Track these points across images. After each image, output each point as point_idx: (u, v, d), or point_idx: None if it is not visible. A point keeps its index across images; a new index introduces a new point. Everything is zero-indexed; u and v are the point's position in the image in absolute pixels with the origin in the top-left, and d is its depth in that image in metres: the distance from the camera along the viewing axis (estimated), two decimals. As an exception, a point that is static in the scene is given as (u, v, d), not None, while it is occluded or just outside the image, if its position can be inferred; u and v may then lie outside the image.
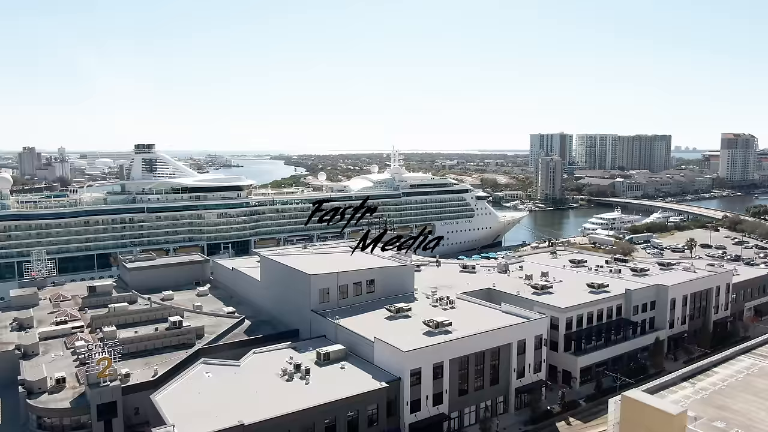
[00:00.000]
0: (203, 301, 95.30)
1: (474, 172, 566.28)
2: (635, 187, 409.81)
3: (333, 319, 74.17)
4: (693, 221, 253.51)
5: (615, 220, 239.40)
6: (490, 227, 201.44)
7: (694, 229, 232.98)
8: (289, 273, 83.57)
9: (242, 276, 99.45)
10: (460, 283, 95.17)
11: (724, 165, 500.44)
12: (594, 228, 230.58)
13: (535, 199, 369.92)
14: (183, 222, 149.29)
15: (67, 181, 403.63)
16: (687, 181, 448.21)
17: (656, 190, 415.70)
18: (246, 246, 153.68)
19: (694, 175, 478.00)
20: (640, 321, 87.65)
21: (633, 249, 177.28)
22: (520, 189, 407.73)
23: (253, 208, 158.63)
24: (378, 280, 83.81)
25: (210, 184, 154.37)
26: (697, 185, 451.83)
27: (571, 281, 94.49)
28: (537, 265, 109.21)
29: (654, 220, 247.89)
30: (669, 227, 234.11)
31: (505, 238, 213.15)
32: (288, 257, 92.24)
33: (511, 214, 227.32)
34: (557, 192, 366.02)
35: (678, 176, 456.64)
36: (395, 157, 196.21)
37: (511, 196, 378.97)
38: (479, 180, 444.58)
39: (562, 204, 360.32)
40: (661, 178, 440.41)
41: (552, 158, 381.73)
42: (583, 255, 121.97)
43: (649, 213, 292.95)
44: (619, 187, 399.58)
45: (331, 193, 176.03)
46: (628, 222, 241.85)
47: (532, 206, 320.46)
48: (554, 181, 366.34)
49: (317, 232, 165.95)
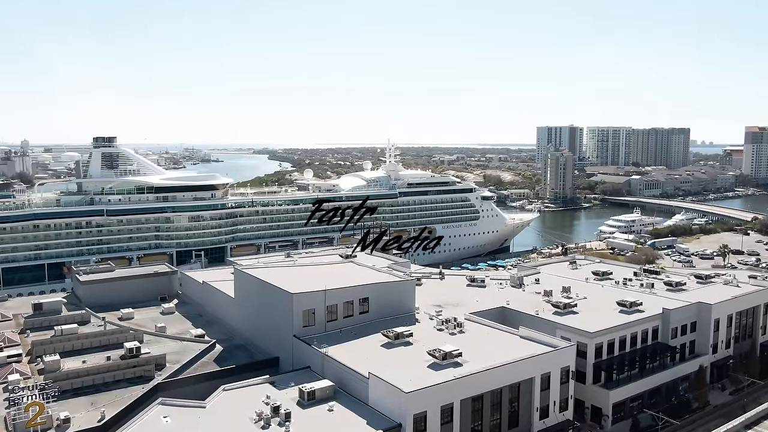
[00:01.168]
0: (168, 321, 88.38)
1: (475, 168, 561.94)
2: (652, 185, 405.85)
3: (319, 347, 67.32)
4: (719, 223, 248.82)
5: (634, 222, 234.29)
6: (496, 231, 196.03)
7: (722, 233, 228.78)
8: (268, 290, 76.73)
9: (214, 291, 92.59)
10: (469, 300, 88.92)
11: (748, 161, 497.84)
12: (611, 231, 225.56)
13: (544, 198, 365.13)
14: (148, 226, 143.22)
15: (28, 177, 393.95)
16: (709, 179, 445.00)
17: (675, 188, 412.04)
18: (221, 253, 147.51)
19: (715, 172, 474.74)
20: (679, 346, 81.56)
21: (657, 256, 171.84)
22: (527, 187, 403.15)
23: (230, 210, 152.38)
24: (373, 298, 77.27)
25: (180, 183, 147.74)
26: (719, 183, 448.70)
27: (597, 298, 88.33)
28: (555, 277, 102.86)
29: (677, 223, 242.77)
30: (694, 230, 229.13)
31: (513, 243, 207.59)
32: (267, 271, 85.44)
33: (519, 215, 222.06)
34: (568, 190, 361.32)
35: (699, 173, 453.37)
36: (391, 152, 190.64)
37: (517, 195, 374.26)
38: (482, 177, 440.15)
39: (573, 204, 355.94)
40: (680, 176, 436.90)
41: (562, 153, 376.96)
42: (608, 265, 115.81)
43: (669, 214, 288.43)
44: (636, 186, 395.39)
45: (319, 192, 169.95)
46: (649, 224, 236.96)
47: (541, 206, 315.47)
48: (565, 178, 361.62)
49: (302, 238, 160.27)
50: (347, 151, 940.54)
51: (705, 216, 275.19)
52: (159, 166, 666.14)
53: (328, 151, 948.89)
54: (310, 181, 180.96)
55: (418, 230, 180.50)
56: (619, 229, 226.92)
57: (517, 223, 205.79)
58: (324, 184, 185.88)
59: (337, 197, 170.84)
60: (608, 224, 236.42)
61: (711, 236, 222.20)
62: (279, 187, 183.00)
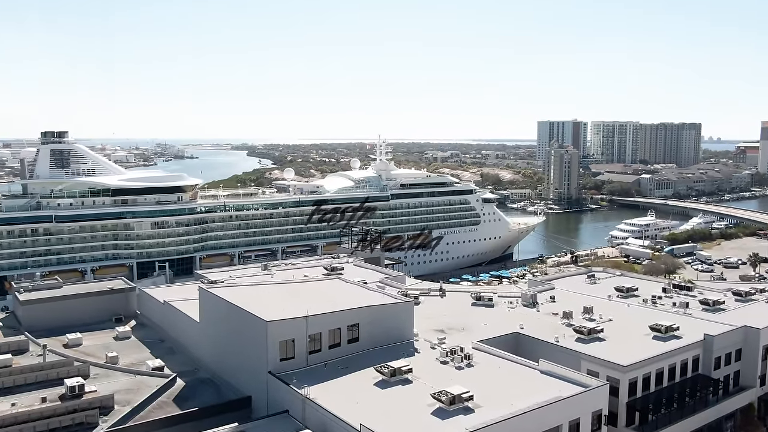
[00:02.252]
0: (122, 349, 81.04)
1: (471, 165, 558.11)
2: (664, 184, 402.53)
3: (299, 387, 59.80)
4: (740, 227, 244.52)
5: (648, 226, 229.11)
6: (499, 237, 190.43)
7: (744, 238, 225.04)
8: (238, 315, 69.21)
9: (176, 313, 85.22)
10: (475, 322, 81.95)
11: (765, 158, 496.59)
12: (624, 236, 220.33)
13: (547, 198, 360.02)
14: (104, 234, 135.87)
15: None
16: (723, 178, 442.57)
17: (688, 188, 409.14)
18: (189, 264, 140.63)
19: (730, 171, 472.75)
20: (722, 378, 75.03)
21: (678, 265, 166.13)
22: (528, 187, 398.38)
23: (199, 215, 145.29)
24: (364, 324, 69.98)
25: (141, 184, 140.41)
26: (735, 182, 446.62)
27: (624, 320, 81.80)
28: (573, 294, 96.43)
29: (695, 227, 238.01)
30: (714, 235, 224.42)
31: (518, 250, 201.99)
32: (237, 290, 78.04)
33: (524, 219, 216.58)
34: (573, 191, 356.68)
35: (713, 172, 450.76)
36: (382, 149, 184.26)
37: (518, 196, 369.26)
38: (479, 175, 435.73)
39: (578, 205, 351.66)
40: (693, 174, 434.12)
41: (567, 150, 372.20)
42: (631, 279, 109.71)
43: (683, 217, 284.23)
44: (646, 185, 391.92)
45: (301, 195, 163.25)
46: (664, 229, 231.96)
47: (544, 208, 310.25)
48: (570, 177, 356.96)
49: (282, 246, 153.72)
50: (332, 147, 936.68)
51: (723, 219, 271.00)
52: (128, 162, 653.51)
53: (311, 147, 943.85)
54: (290, 182, 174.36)
55: (413, 237, 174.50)
56: (632, 234, 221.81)
57: (521, 228, 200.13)
58: (307, 185, 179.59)
59: (321, 200, 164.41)
60: (620, 228, 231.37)
61: (732, 242, 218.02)
62: (256, 189, 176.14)
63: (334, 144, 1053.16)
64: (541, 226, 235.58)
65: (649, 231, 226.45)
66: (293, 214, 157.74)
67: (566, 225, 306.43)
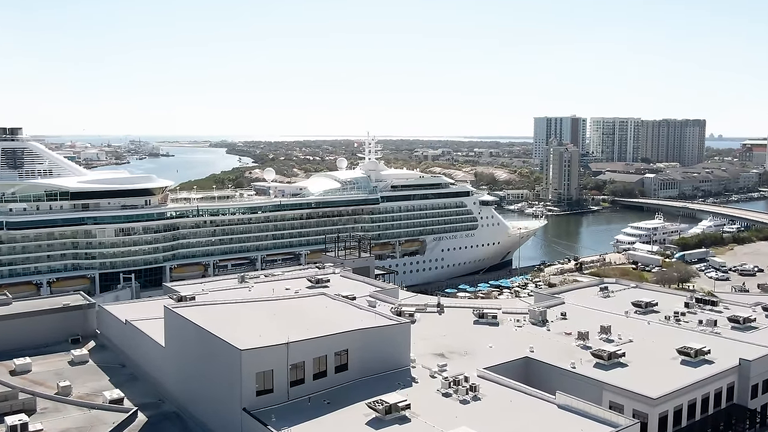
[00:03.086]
0: (77, 376, 75.49)
1: (464, 164, 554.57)
2: (668, 184, 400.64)
3: (279, 427, 54.50)
4: (753, 231, 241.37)
5: (657, 230, 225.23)
6: (498, 242, 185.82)
7: (757, 242, 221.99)
8: (208, 342, 63.33)
9: (139, 335, 79.35)
10: (479, 344, 76.63)
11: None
12: (630, 241, 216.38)
13: (546, 200, 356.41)
14: (63, 242, 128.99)
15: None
16: (730, 178, 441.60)
17: (694, 188, 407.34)
18: (158, 275, 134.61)
19: (737, 170, 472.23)
20: (759, 408, 70.06)
21: (692, 273, 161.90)
22: (525, 187, 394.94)
23: (170, 220, 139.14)
24: (354, 350, 64.52)
25: (104, 186, 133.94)
26: (742, 182, 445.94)
27: (646, 341, 76.81)
28: (585, 310, 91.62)
29: (705, 230, 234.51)
30: (726, 239, 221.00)
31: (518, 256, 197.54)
32: (208, 310, 72.31)
33: (524, 223, 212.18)
34: (573, 191, 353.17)
35: (719, 171, 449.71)
36: (371, 147, 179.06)
37: (515, 197, 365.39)
38: (472, 175, 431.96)
39: (579, 206, 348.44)
40: (699, 174, 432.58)
41: (567, 148, 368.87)
42: (649, 292, 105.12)
43: (690, 219, 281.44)
44: (650, 185, 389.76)
45: (282, 197, 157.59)
46: (673, 232, 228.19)
47: (543, 210, 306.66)
48: (570, 177, 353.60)
49: (261, 255, 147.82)
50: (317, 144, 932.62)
51: (734, 221, 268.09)
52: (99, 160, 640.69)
53: (294, 144, 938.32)
54: (271, 183, 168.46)
55: (405, 243, 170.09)
56: (639, 239, 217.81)
57: (522, 233, 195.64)
58: (289, 186, 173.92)
59: (304, 203, 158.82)
60: (626, 232, 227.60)
61: (746, 246, 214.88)
62: (233, 191, 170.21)
63: (319, 141, 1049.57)
64: (540, 230, 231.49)
65: (657, 235, 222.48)
66: (274, 219, 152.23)
67: (566, 228, 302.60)
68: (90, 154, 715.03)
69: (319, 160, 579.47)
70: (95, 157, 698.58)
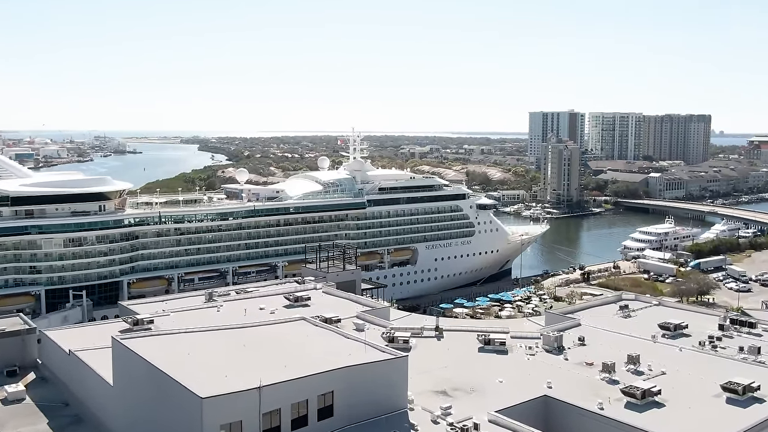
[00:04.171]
0: (10, 417, 69.22)
1: (454, 162, 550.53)
2: (674, 184, 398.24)
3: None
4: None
5: (667, 235, 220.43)
6: (497, 250, 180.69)
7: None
8: (164, 384, 56.11)
9: (84, 370, 72.22)
10: (487, 379, 69.88)
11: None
12: (639, 247, 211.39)
13: (544, 201, 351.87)
14: (3, 254, 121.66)
15: None
16: (739, 177, 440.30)
17: (702, 188, 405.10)
18: (114, 291, 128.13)
19: (746, 169, 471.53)
20: (819, 455, 63.30)
21: (712, 284, 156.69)
22: (522, 187, 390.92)
23: (128, 228, 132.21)
24: (341, 391, 58.06)
25: (51, 190, 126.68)
26: (751, 182, 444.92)
27: (682, 373, 70.61)
28: (605, 333, 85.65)
29: (718, 235, 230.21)
30: (742, 245, 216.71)
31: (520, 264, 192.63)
32: (166, 344, 65.11)
33: (525, 228, 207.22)
34: (574, 192, 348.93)
35: (727, 170, 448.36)
36: (356, 144, 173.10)
37: (511, 198, 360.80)
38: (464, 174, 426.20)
39: (580, 208, 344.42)
40: (706, 173, 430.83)
41: (566, 145, 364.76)
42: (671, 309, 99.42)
43: (698, 222, 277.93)
44: (654, 185, 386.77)
45: (257, 202, 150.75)
46: (685, 238, 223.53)
47: (542, 212, 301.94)
48: (570, 176, 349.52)
49: (233, 267, 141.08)
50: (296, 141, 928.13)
51: (748, 225, 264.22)
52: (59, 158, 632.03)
53: (272, 141, 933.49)
54: (244, 186, 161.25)
55: (395, 252, 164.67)
56: (649, 245, 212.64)
57: (523, 239, 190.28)
58: (264, 189, 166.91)
59: (281, 208, 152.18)
60: (634, 238, 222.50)
61: (764, 253, 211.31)
62: (201, 194, 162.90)
63: (298, 137, 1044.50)
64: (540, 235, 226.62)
65: (668, 240, 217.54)
66: (247, 226, 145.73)
67: (566, 232, 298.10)
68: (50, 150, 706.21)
69: (298, 158, 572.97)
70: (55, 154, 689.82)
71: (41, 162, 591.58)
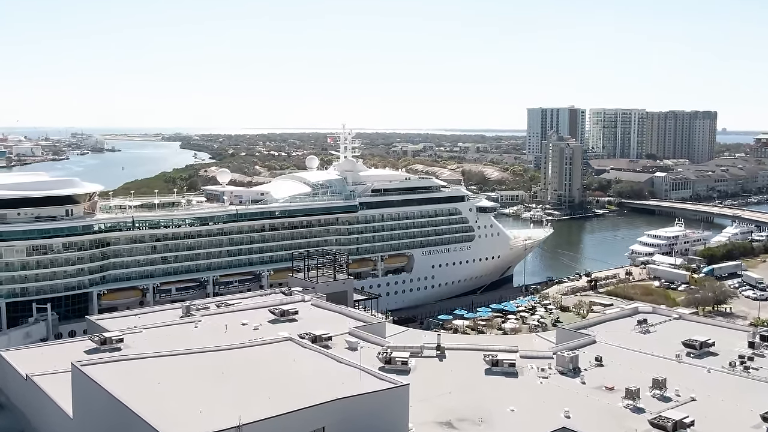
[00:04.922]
0: None
1: (449, 160, 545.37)
2: (681, 184, 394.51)
3: None
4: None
5: (677, 238, 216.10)
6: (498, 256, 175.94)
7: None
8: (127, 420, 50.82)
9: (42, 398, 67.20)
10: (496, 406, 65.55)
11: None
12: (648, 251, 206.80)
13: (544, 202, 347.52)
14: None
15: None
16: (748, 177, 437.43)
17: (709, 188, 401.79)
18: (83, 303, 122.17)
19: (754, 169, 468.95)
20: None
21: (730, 293, 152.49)
22: (520, 187, 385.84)
23: (98, 234, 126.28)
24: (333, 427, 53.35)
25: (13, 194, 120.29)
26: (760, 182, 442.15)
27: (714, 399, 66.69)
28: (624, 352, 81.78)
29: (731, 238, 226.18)
30: (756, 250, 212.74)
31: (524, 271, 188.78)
32: (132, 371, 59.63)
33: (527, 232, 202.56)
34: (576, 192, 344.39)
35: (735, 169, 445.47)
36: (347, 143, 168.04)
37: (509, 199, 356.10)
38: (459, 173, 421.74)
39: (582, 210, 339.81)
40: (713, 172, 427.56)
41: (568, 143, 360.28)
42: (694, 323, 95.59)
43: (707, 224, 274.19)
44: (660, 185, 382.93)
45: (240, 205, 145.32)
46: (696, 241, 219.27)
47: (543, 214, 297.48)
48: (571, 176, 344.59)
49: (213, 275, 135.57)
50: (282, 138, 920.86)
51: (761, 227, 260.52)
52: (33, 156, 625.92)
53: (257, 138, 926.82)
54: (226, 187, 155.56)
55: (389, 259, 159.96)
56: (658, 249, 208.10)
57: (526, 244, 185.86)
58: (248, 191, 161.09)
59: (267, 212, 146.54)
60: (642, 242, 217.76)
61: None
62: (179, 196, 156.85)
63: (285, 134, 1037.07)
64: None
65: (678, 245, 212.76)
66: (229, 232, 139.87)
67: (568, 235, 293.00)
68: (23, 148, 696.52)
69: (285, 156, 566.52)
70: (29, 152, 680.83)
71: (14, 161, 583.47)
